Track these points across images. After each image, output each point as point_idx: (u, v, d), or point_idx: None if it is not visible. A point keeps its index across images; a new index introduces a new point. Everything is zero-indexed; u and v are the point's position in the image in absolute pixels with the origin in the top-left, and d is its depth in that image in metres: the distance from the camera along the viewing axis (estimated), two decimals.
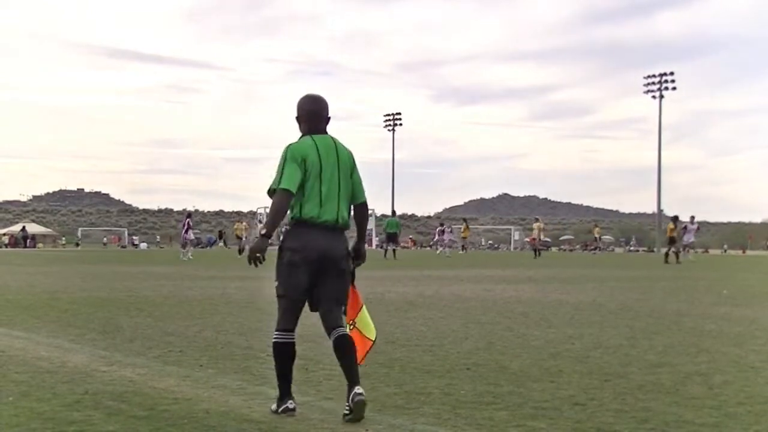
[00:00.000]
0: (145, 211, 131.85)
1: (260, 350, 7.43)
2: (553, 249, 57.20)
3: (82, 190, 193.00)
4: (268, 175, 4.95)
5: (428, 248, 78.05)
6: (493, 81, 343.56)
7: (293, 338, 4.96)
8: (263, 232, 4.77)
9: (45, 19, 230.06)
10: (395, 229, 39.50)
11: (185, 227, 36.71)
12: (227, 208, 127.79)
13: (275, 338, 4.94)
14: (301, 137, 5.04)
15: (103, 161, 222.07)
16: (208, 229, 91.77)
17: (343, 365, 4.86)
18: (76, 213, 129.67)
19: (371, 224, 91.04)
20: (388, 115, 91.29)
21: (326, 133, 5.09)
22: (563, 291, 16.20)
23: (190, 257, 34.71)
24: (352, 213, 5.18)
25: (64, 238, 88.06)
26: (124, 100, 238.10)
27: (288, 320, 4.95)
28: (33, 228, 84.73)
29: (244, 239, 43.80)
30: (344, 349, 4.86)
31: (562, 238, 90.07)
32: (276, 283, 4.96)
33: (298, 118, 5.09)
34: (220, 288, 16.04)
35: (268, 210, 4.93)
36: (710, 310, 11.95)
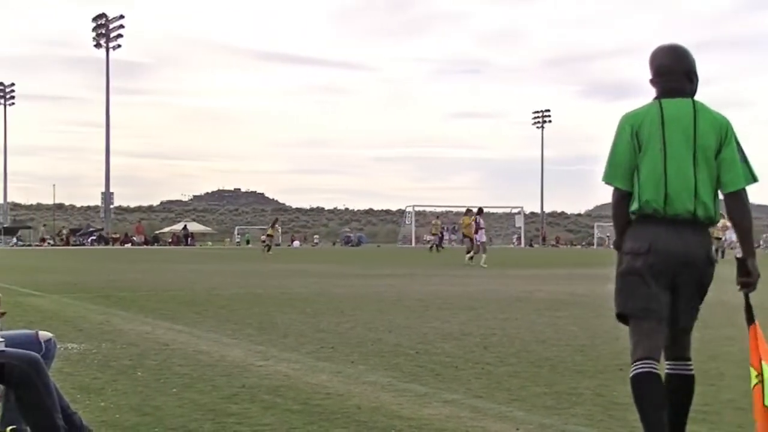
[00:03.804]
0: (298, 209, 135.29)
1: (409, 347, 7.50)
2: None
3: (239, 189, 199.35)
4: (411, 177, 3.96)
5: (578, 246, 76.32)
6: (645, 75, 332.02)
7: (655, 367, 3.58)
8: (613, 245, 3.78)
9: (196, 24, 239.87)
10: None
11: (477, 227, 27.70)
12: (377, 207, 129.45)
13: (632, 372, 3.63)
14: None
15: (257, 161, 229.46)
16: (357, 228, 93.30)
17: (671, 414, 3.60)
18: (233, 212, 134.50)
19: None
20: (537, 112, 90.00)
21: (686, 95, 3.69)
22: (720, 290, 15.44)
23: (483, 264, 25.36)
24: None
25: (238, 237, 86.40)
26: (276, 102, 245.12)
27: (644, 347, 3.60)
28: (193, 227, 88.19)
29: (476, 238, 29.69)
30: (679, 393, 3.67)
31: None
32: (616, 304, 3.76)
33: (651, 81, 3.80)
34: (370, 286, 16.29)
35: (415, 209, 4.21)
36: None
